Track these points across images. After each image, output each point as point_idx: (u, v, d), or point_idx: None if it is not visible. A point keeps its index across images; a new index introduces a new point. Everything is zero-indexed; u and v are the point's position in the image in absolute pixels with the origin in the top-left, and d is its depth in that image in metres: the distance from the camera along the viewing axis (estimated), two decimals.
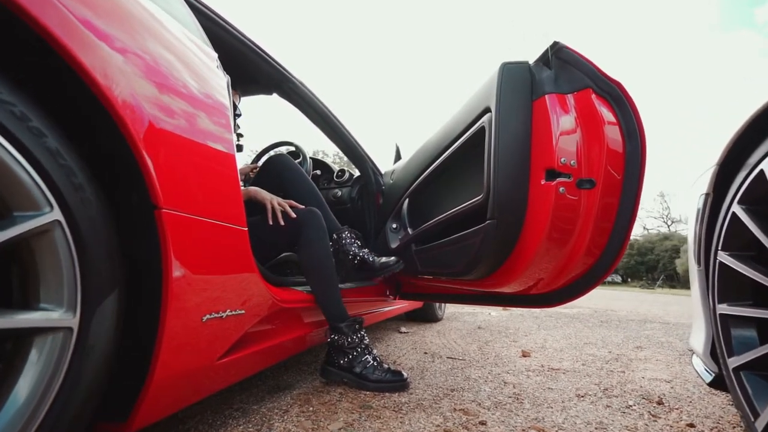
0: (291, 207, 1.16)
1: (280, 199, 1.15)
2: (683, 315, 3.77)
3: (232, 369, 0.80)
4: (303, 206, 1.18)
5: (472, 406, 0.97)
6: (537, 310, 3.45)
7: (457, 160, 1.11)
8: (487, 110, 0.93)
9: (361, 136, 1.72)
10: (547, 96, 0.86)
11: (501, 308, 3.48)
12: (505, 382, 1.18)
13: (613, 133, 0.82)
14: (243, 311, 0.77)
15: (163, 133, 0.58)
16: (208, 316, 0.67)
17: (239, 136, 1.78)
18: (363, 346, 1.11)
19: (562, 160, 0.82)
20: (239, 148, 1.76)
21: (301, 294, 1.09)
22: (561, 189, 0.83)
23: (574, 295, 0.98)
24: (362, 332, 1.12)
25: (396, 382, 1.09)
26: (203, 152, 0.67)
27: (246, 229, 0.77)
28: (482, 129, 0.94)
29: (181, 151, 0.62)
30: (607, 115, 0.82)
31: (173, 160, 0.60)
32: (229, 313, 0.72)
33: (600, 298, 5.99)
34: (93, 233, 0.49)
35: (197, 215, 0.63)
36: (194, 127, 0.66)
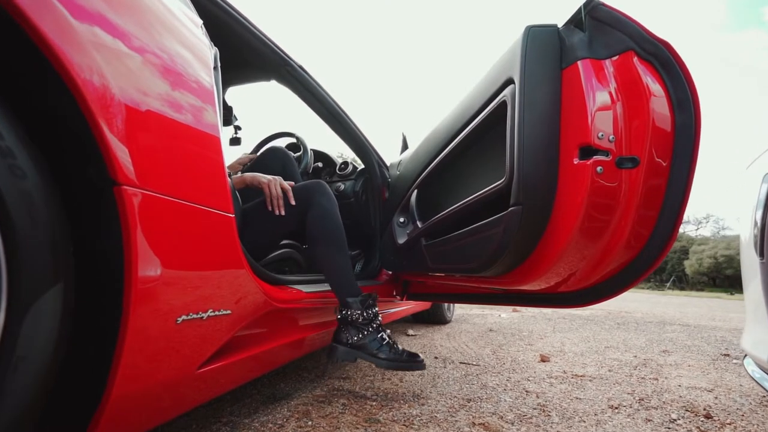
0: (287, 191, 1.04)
1: (280, 182, 1.03)
2: (702, 317, 3.62)
3: (217, 379, 0.69)
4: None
5: (493, 420, 0.85)
6: (548, 311, 3.31)
7: (474, 142, 0.99)
8: (509, 82, 0.82)
9: (366, 128, 1.61)
10: (579, 62, 0.74)
11: (511, 309, 3.35)
12: (526, 391, 1.06)
13: (659, 103, 0.70)
14: (229, 312, 0.66)
15: (125, 95, 0.48)
16: (184, 317, 0.56)
17: (237, 128, 1.68)
18: (377, 323, 1.00)
19: (600, 135, 0.71)
20: (237, 141, 1.66)
21: (300, 293, 0.98)
22: (598, 169, 0.71)
23: (608, 294, 0.86)
24: (376, 308, 1.02)
25: (413, 362, 0.98)
26: (178, 123, 0.57)
27: (233, 215, 0.67)
28: (503, 104, 0.83)
29: (148, 119, 0.51)
30: (653, 81, 0.70)
31: (137, 128, 0.49)
32: (212, 314, 0.62)
33: (611, 300, 5.82)
34: (26, 212, 0.39)
35: (169, 195, 0.52)
36: (167, 94, 0.55)
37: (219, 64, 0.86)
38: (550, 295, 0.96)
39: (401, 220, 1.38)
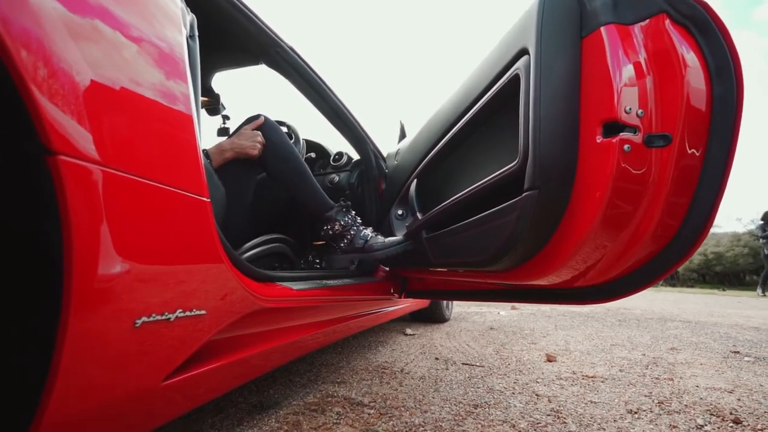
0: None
1: (257, 135, 1.03)
2: (701, 313, 3.59)
3: (191, 390, 0.60)
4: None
5: (505, 429, 0.77)
6: (546, 308, 3.26)
7: (481, 122, 0.91)
8: (522, 53, 0.73)
9: (361, 119, 1.51)
10: (603, 29, 0.66)
11: (509, 307, 3.29)
12: (537, 395, 0.98)
13: (695, 72, 0.62)
14: (203, 312, 0.57)
15: (64, 45, 0.39)
16: (144, 318, 0.46)
17: (225, 118, 1.58)
18: (358, 223, 1.10)
19: (627, 108, 0.63)
20: (226, 131, 1.56)
21: (291, 291, 0.88)
22: (625, 147, 0.63)
23: (630, 290, 0.78)
24: (352, 212, 1.12)
25: (403, 243, 1.05)
26: (137, 87, 0.47)
27: (208, 200, 0.57)
28: (516, 77, 0.74)
29: (96, 78, 0.42)
30: (688, 47, 0.62)
31: (81, 87, 0.40)
32: (181, 315, 0.52)
33: (632, 296, 5.78)
34: None
35: (122, 170, 0.43)
36: (122, 52, 0.46)
37: (197, 33, 0.77)
38: (565, 290, 0.88)
39: (399, 212, 1.29)
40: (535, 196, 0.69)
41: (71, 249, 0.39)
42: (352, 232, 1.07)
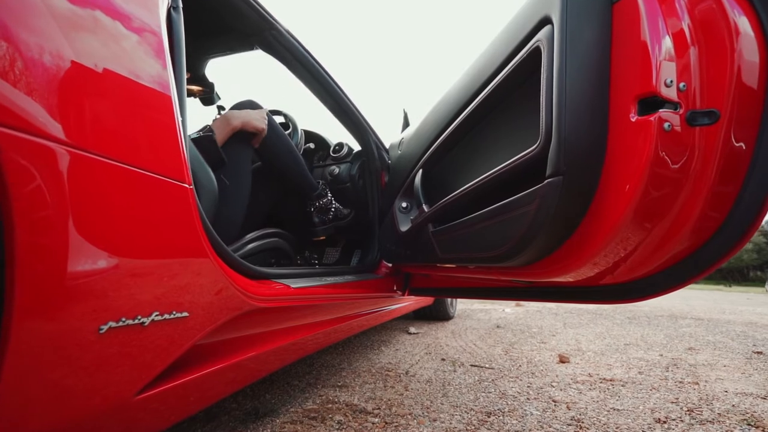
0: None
1: (264, 113, 1.05)
2: (711, 310, 3.51)
3: (174, 401, 0.53)
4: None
5: None
6: (552, 305, 3.19)
7: (496, 104, 0.83)
8: (544, 22, 0.66)
9: (365, 109, 1.44)
10: None
11: (514, 304, 3.22)
12: (554, 401, 0.91)
13: (747, 40, 0.54)
14: (186, 314, 0.50)
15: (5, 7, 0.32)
16: (111, 323, 0.39)
17: (220, 108, 1.50)
18: (334, 199, 1.30)
19: (668, 81, 0.55)
20: None
21: (288, 289, 0.82)
22: (665, 126, 0.55)
23: (664, 289, 0.70)
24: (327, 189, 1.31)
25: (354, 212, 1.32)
26: (97, 57, 0.40)
27: (190, 187, 0.50)
28: (537, 50, 0.66)
29: (48, 42, 0.35)
30: (740, 10, 0.55)
31: (26, 51, 0.33)
32: (158, 319, 0.45)
33: (664, 296, 5.68)
34: None
35: (80, 149, 0.36)
36: (84, 18, 0.39)
37: (180, 5, 0.70)
38: (589, 288, 0.80)
39: (404, 205, 1.22)
40: (559, 183, 0.61)
41: (13, 239, 0.32)
42: (334, 207, 1.28)
